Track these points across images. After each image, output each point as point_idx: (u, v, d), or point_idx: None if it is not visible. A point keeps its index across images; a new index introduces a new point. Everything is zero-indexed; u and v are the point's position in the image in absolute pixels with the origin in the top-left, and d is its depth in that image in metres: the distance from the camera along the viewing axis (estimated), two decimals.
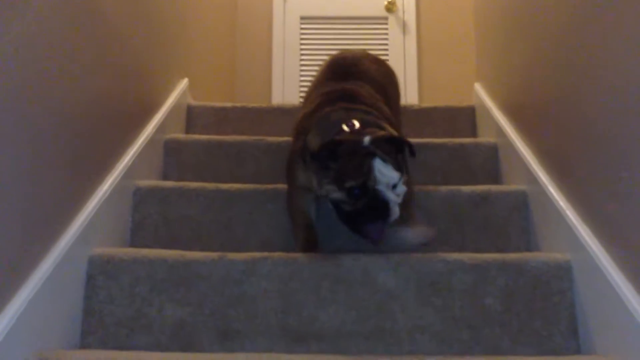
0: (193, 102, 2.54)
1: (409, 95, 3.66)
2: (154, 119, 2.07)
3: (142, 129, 1.96)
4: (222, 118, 2.48)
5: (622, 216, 1.30)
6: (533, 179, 1.78)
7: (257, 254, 1.52)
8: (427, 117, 2.52)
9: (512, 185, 1.90)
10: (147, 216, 1.78)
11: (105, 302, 1.43)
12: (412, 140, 2.12)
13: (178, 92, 2.36)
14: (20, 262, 1.20)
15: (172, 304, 1.43)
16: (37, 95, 1.26)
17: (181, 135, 2.21)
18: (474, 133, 2.50)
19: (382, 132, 1.51)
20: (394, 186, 1.45)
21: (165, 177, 2.10)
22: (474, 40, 2.82)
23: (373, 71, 1.85)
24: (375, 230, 1.45)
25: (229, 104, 2.52)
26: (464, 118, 2.53)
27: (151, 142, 1.98)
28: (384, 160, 1.44)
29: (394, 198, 1.45)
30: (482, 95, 2.46)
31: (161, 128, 2.10)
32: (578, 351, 1.39)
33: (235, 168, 2.12)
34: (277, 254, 1.51)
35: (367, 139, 1.46)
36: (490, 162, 2.14)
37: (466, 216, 1.79)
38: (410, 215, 1.62)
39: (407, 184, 1.53)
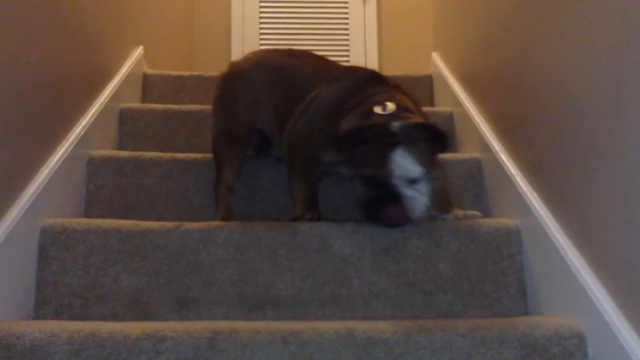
0: (149, 71, 2.49)
1: (370, 64, 3.66)
2: (107, 88, 2.03)
3: (95, 98, 1.92)
4: (179, 87, 2.45)
5: (569, 182, 1.34)
6: (487, 147, 1.81)
7: (214, 223, 1.52)
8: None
9: (466, 154, 1.93)
10: (101, 186, 1.76)
11: (59, 273, 1.42)
12: None
13: (133, 60, 2.32)
14: None
15: (128, 273, 1.43)
16: None
17: (137, 105, 2.17)
18: (431, 102, 2.52)
19: (417, 118, 1.42)
20: (415, 181, 1.36)
21: (120, 147, 2.07)
22: (431, 9, 2.82)
23: None
24: (391, 216, 1.38)
25: (185, 73, 2.48)
26: (422, 87, 2.55)
27: (105, 111, 1.94)
28: (407, 151, 1.34)
29: (412, 193, 1.36)
30: (439, 64, 2.48)
31: (115, 97, 2.06)
32: (526, 312, 1.44)
33: (193, 138, 2.10)
34: (233, 223, 1.51)
35: (395, 125, 1.37)
36: (446, 130, 2.16)
37: None
38: (449, 203, 1.62)
39: (443, 175, 1.51)
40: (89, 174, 1.76)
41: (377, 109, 1.43)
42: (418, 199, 1.37)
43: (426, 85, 2.55)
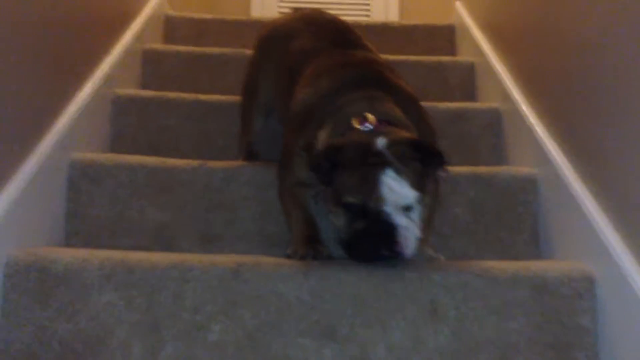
0: (172, 13, 2.49)
1: (391, 11, 3.62)
2: (131, 28, 2.05)
3: (120, 38, 1.94)
4: (201, 30, 2.45)
5: (587, 131, 1.35)
6: (507, 97, 1.82)
7: (237, 163, 1.56)
8: (407, 35, 2.52)
9: (486, 103, 1.94)
10: (126, 124, 1.80)
11: (88, 205, 1.47)
12: (391, 57, 2.15)
13: (156, 0, 2.32)
14: (0, 164, 1.22)
15: (154, 208, 1.48)
16: None
17: (160, 46, 2.19)
18: (453, 51, 2.51)
19: (404, 134, 1.19)
20: (408, 208, 1.14)
21: (144, 87, 2.10)
22: None
23: (370, 44, 1.54)
24: (378, 260, 1.17)
25: (209, 16, 2.48)
26: (444, 37, 2.54)
27: (129, 51, 1.97)
28: (398, 173, 1.12)
29: (405, 223, 1.14)
30: (463, 14, 2.46)
31: (139, 37, 2.08)
32: (539, 257, 1.48)
33: (216, 81, 2.12)
34: (256, 163, 1.55)
35: (381, 142, 1.15)
36: (467, 80, 2.17)
37: (441, 132, 1.84)
38: (427, 237, 1.31)
39: (433, 198, 1.28)
40: (114, 112, 1.80)
41: (355, 123, 1.20)
42: (412, 230, 1.15)
43: (448, 34, 2.54)
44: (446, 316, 1.19)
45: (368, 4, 3.66)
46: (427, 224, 1.29)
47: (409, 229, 1.14)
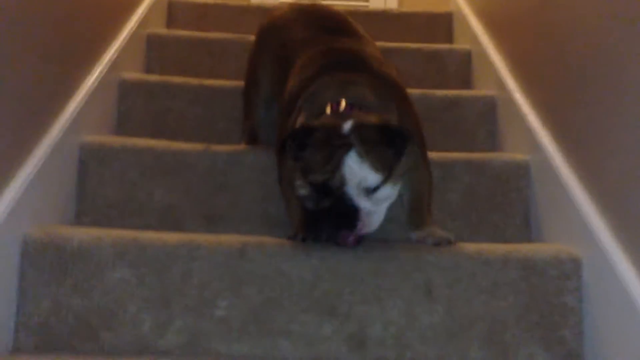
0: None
1: (389, 1, 3.66)
2: (136, 13, 2.09)
3: (125, 23, 1.98)
4: (202, 14, 2.49)
5: (578, 120, 1.42)
6: (502, 85, 1.88)
7: (240, 147, 1.62)
8: (405, 22, 2.57)
9: (482, 91, 2.00)
10: (132, 108, 1.85)
11: (98, 186, 1.53)
12: (390, 45, 2.20)
13: None
14: (16, 147, 1.27)
15: (161, 189, 1.54)
16: None
17: (163, 31, 2.23)
18: (450, 39, 2.56)
19: (372, 118, 1.22)
20: (371, 190, 1.18)
21: (148, 71, 2.15)
22: None
23: (365, 34, 1.59)
24: (343, 237, 1.22)
25: (210, 1, 2.52)
26: (441, 24, 2.58)
27: (134, 36, 2.01)
28: (361, 156, 1.15)
29: (368, 205, 1.18)
30: (459, 1, 2.51)
31: (143, 23, 2.12)
32: (530, 241, 1.55)
33: (217, 65, 2.17)
34: (259, 147, 1.61)
35: (347, 125, 1.18)
36: (463, 68, 2.23)
37: (437, 119, 1.90)
38: (422, 219, 1.36)
39: (419, 181, 1.34)
40: (120, 96, 1.85)
41: (328, 108, 1.25)
42: (375, 212, 1.20)
43: (446, 22, 2.59)
44: (439, 295, 1.26)
45: None
46: (418, 204, 1.36)
47: (371, 210, 1.19)
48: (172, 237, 1.28)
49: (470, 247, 1.32)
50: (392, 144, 1.20)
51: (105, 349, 1.20)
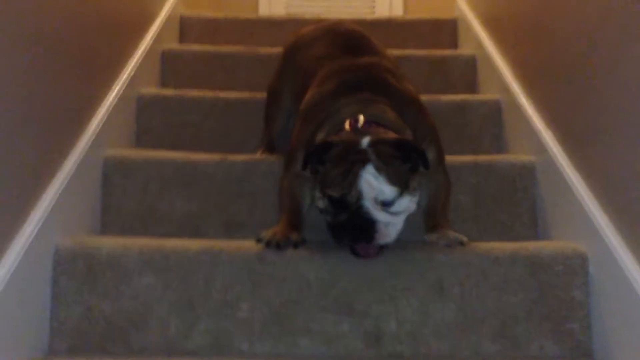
0: (186, 13, 2.61)
1: (394, 6, 3.73)
2: (150, 30, 2.17)
3: (141, 40, 2.06)
4: (213, 29, 2.57)
5: (581, 121, 1.47)
6: (506, 89, 1.94)
7: (255, 156, 1.68)
8: (410, 29, 2.63)
9: (487, 95, 2.06)
10: (150, 122, 1.93)
11: (121, 198, 1.60)
12: (395, 52, 2.26)
13: (171, 1, 2.44)
14: (45, 163, 1.34)
15: (181, 199, 1.61)
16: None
17: (177, 46, 2.31)
18: (455, 45, 2.62)
19: (389, 134, 1.28)
20: (387, 203, 1.23)
21: (163, 85, 2.22)
22: None
23: (384, 50, 1.65)
24: (361, 249, 1.27)
25: (220, 15, 2.60)
26: (446, 30, 2.64)
27: (150, 52, 2.08)
28: (378, 170, 1.21)
29: (385, 218, 1.22)
30: (464, 8, 2.57)
31: (158, 39, 2.20)
32: (536, 239, 1.60)
33: (230, 80, 2.24)
34: (274, 156, 1.67)
35: (365, 141, 1.25)
36: (469, 73, 2.29)
37: (444, 123, 1.95)
38: (438, 223, 1.41)
39: (436, 185, 1.40)
40: (138, 110, 1.92)
41: (347, 124, 1.31)
42: (392, 224, 1.24)
43: (450, 28, 2.65)
44: (452, 293, 1.32)
45: (373, 0, 3.77)
46: (434, 209, 1.42)
47: (388, 223, 1.24)
48: (194, 244, 1.35)
49: (480, 246, 1.38)
50: (408, 159, 1.26)
51: (135, 350, 1.26)
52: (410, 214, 1.30)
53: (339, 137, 1.29)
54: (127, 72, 1.87)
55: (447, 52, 2.34)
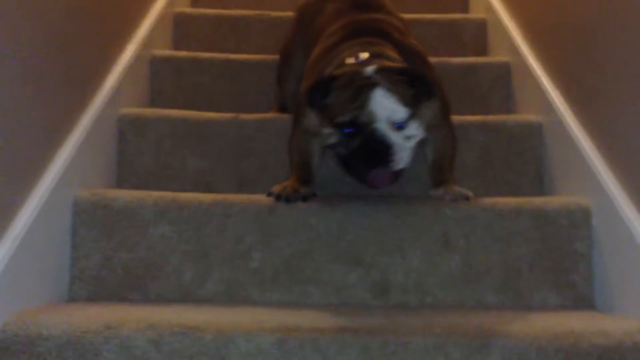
0: None
1: None
2: None
3: (155, 2, 2.09)
4: None
5: (588, 80, 1.49)
6: (516, 51, 1.95)
7: (267, 115, 1.72)
8: None
9: (496, 57, 2.07)
10: (163, 83, 1.96)
11: (136, 154, 1.64)
12: (407, 16, 2.27)
13: None
14: (63, 118, 1.38)
15: (194, 156, 1.65)
16: None
17: (189, 9, 2.33)
18: (466, 9, 2.62)
19: (393, 63, 1.28)
20: (400, 126, 1.21)
21: (176, 48, 2.25)
22: None
23: (395, 9, 1.64)
24: (378, 177, 1.23)
25: None
26: None
27: (162, 14, 2.11)
28: (387, 91, 1.19)
29: (400, 141, 1.20)
30: None
31: (171, 1, 2.22)
32: (542, 195, 1.63)
33: (242, 43, 2.26)
34: (285, 115, 1.70)
35: (370, 69, 1.23)
36: (479, 36, 2.29)
37: (454, 85, 1.97)
38: (444, 178, 1.42)
39: (442, 141, 1.40)
40: (152, 71, 1.96)
41: (349, 60, 1.29)
42: (405, 149, 1.22)
43: None
44: (457, 245, 1.36)
45: None
46: (441, 163, 1.44)
47: (402, 145, 1.21)
48: (207, 197, 1.39)
49: (485, 200, 1.41)
50: (414, 85, 1.24)
51: (151, 297, 1.32)
52: (414, 163, 1.28)
53: (341, 70, 1.27)
54: (140, 34, 1.89)
55: (458, 16, 2.34)
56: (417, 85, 1.25)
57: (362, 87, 1.20)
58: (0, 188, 1.10)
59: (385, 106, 1.18)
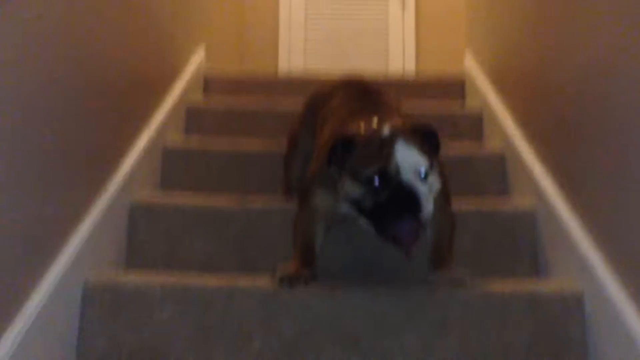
0: (210, 70, 2.79)
1: (407, 64, 3.91)
2: (177, 86, 2.33)
3: (169, 94, 2.22)
4: (236, 85, 2.74)
5: (576, 167, 1.57)
6: (510, 141, 2.04)
7: (272, 200, 1.79)
8: (422, 86, 2.79)
9: (492, 147, 2.17)
10: (173, 171, 2.06)
11: (146, 241, 1.71)
12: (408, 109, 2.39)
13: (197, 57, 2.62)
14: (78, 204, 1.47)
15: (201, 241, 1.71)
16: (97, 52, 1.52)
17: (201, 102, 2.47)
18: (463, 99, 2.76)
19: (404, 121, 1.36)
20: (424, 177, 1.25)
21: (187, 138, 2.37)
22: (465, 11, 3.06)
23: (399, 105, 1.71)
24: (405, 230, 1.24)
25: (243, 74, 2.78)
26: (455, 85, 2.80)
27: (176, 105, 2.24)
28: (408, 142, 1.25)
29: (425, 190, 1.24)
30: (471, 63, 2.72)
31: (184, 93, 2.36)
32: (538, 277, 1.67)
33: (248, 131, 2.38)
34: (291, 199, 1.78)
35: (386, 128, 1.30)
36: (475, 125, 2.40)
37: (452, 174, 2.05)
38: (442, 260, 1.44)
39: (442, 223, 1.43)
40: (163, 159, 2.06)
41: (361, 125, 1.36)
42: (430, 198, 1.26)
43: (459, 83, 2.80)
44: (454, 328, 1.39)
45: (387, 57, 3.96)
46: (441, 246, 1.46)
47: (427, 195, 1.25)
48: (211, 280, 1.44)
49: (480, 285, 1.45)
50: (427, 141, 1.32)
51: None
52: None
53: (357, 133, 1.32)
54: (155, 123, 2.01)
55: (456, 109, 2.48)
56: (429, 139, 1.33)
57: (384, 142, 1.26)
58: (14, 273, 1.17)
59: (409, 157, 1.23)
